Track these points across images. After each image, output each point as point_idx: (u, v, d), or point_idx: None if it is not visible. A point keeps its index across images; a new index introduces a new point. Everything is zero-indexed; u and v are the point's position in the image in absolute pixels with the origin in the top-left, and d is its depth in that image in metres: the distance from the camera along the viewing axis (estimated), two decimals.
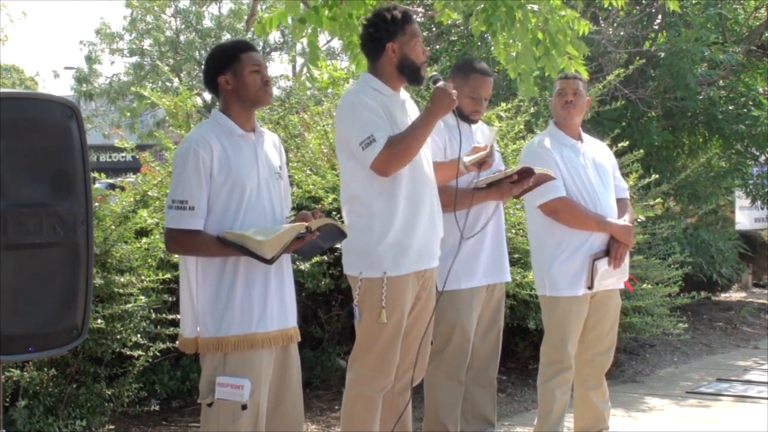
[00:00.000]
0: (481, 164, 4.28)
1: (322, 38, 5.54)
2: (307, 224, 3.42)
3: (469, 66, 4.69)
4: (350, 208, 4.00)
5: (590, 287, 4.62)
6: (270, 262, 3.32)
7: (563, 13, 5.00)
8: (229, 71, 3.50)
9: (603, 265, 4.63)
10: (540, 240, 4.74)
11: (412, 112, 4.14)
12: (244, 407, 3.35)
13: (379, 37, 3.97)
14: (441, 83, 3.95)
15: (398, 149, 3.83)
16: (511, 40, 5.11)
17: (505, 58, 5.18)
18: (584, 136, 4.87)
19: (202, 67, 3.70)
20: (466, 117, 4.58)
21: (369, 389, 3.98)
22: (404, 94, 4.15)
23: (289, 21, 5.07)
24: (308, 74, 5.22)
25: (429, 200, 4.05)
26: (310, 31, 5.04)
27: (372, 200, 3.92)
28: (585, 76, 5.09)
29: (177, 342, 3.64)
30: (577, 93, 4.74)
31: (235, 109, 3.53)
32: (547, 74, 5.16)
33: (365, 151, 3.82)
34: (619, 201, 4.83)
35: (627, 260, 4.76)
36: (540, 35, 4.99)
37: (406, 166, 3.90)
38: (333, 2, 4.99)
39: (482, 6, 4.97)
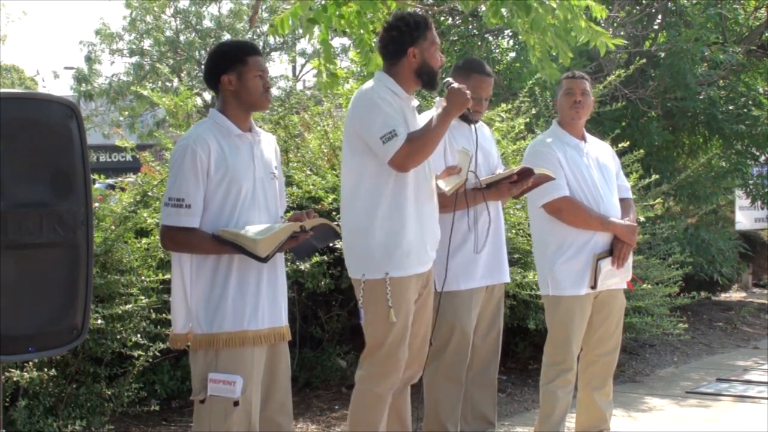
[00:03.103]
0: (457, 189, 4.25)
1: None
2: (301, 223, 3.45)
3: (469, 66, 4.70)
4: (351, 208, 4.01)
5: (594, 287, 4.62)
6: (265, 260, 3.36)
7: None
8: (233, 72, 3.52)
9: (606, 264, 4.63)
10: (543, 240, 4.74)
11: (420, 118, 4.20)
12: (236, 404, 3.37)
13: (402, 41, 4.03)
14: (455, 85, 4.04)
15: (417, 145, 3.90)
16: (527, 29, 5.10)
17: (530, 41, 5.18)
18: (587, 136, 4.87)
19: (204, 63, 3.71)
20: (466, 117, 4.59)
21: (379, 387, 4.02)
22: (414, 100, 4.20)
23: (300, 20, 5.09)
24: (329, 72, 5.20)
25: (430, 203, 4.10)
26: (321, 29, 5.06)
27: (376, 200, 3.95)
28: (612, 46, 5.07)
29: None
30: (585, 93, 4.74)
31: (233, 109, 3.55)
32: (560, 61, 5.16)
33: (386, 145, 3.86)
34: (623, 201, 4.83)
35: (630, 260, 4.76)
36: (551, 21, 4.98)
37: (422, 163, 3.97)
38: (342, 0, 5.01)
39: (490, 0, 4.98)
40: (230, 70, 3.52)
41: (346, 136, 4.10)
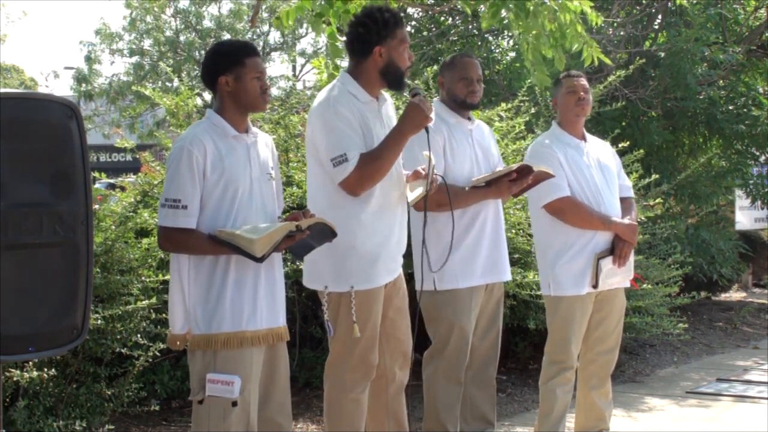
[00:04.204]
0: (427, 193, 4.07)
1: (323, 37, 5.57)
2: (297, 223, 3.44)
3: (454, 57, 4.70)
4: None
5: (595, 286, 4.62)
6: (260, 260, 3.35)
7: (576, 2, 4.99)
8: (231, 73, 3.51)
9: (607, 263, 4.63)
10: (545, 240, 4.74)
11: (389, 118, 4.06)
12: (234, 404, 3.38)
13: (368, 39, 3.89)
14: (417, 98, 3.84)
15: (369, 170, 3.77)
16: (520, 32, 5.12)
17: (524, 46, 5.19)
18: (587, 135, 4.87)
19: (202, 62, 3.70)
20: (462, 102, 4.56)
21: (353, 393, 3.97)
22: (385, 96, 4.06)
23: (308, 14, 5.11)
24: (331, 64, 5.22)
25: (399, 208, 4.01)
26: (330, 23, 5.07)
27: (338, 209, 3.83)
28: (596, 61, 5.10)
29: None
30: (586, 90, 4.74)
31: (230, 110, 3.54)
32: (555, 66, 5.17)
33: (336, 169, 3.76)
34: (624, 200, 4.84)
35: (632, 259, 4.77)
36: (549, 26, 5.00)
37: (376, 185, 3.84)
38: None
39: (490, 1, 4.99)
40: (228, 71, 3.51)
41: (307, 143, 3.98)
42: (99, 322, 4.65)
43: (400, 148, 3.87)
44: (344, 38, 4.13)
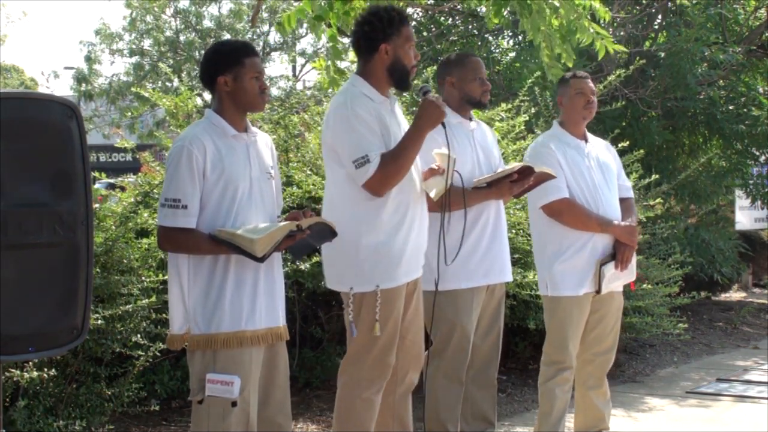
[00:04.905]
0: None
1: (324, 38, 5.59)
2: (297, 222, 3.44)
3: (460, 56, 4.71)
4: (334, 218, 3.86)
5: (598, 291, 4.62)
6: (261, 260, 3.35)
7: None
8: (230, 73, 3.51)
9: (610, 269, 4.63)
10: (543, 240, 4.74)
11: (401, 116, 4.09)
12: (234, 404, 3.38)
13: (373, 37, 3.92)
14: (430, 95, 3.89)
15: (391, 170, 3.80)
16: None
17: (537, 41, 5.19)
18: (588, 135, 4.86)
19: (200, 62, 3.70)
20: (477, 102, 4.59)
21: (368, 392, 3.97)
22: (392, 97, 4.08)
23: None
24: (336, 69, 5.23)
25: (418, 207, 4.02)
26: (331, 26, 5.07)
27: (359, 210, 3.85)
28: (612, 50, 5.11)
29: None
30: (594, 93, 4.75)
31: (229, 110, 3.55)
32: (563, 62, 5.17)
33: (358, 171, 3.78)
34: (624, 201, 4.83)
35: (634, 260, 4.76)
36: (555, 23, 5.00)
37: (398, 183, 3.87)
38: None
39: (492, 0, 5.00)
40: (226, 71, 3.51)
41: (324, 147, 4.00)
42: (99, 322, 4.65)
43: (419, 146, 3.90)
44: (349, 38, 4.15)
